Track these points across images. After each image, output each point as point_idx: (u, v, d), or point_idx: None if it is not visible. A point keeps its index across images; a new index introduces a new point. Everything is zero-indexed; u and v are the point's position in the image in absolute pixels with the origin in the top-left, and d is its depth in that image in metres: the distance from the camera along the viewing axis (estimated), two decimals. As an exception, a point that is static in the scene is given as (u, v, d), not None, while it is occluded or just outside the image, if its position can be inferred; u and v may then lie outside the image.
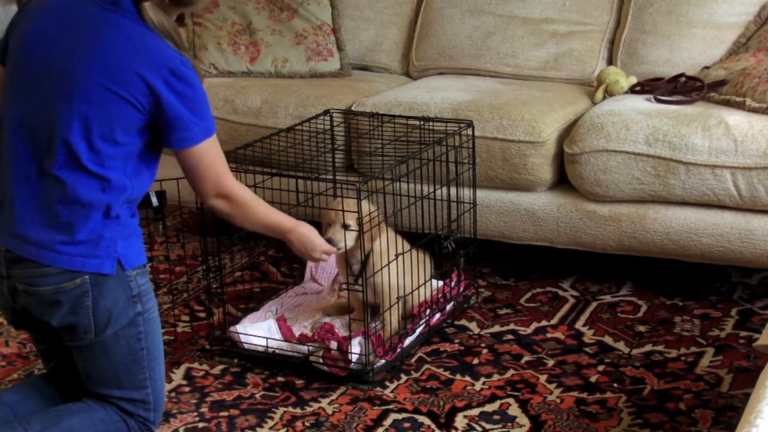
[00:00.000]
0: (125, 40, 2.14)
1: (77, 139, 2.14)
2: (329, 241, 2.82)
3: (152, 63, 2.14)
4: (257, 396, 2.77)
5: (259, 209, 2.42)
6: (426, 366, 2.90)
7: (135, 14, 2.16)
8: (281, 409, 2.69)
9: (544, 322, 3.14)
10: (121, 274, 2.21)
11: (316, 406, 2.70)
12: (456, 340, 3.05)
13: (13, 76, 2.23)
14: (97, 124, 2.14)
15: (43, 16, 2.22)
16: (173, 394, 2.78)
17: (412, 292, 2.98)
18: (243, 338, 2.90)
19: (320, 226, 2.88)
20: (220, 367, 2.93)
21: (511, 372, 2.85)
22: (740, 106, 3.17)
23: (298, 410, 2.68)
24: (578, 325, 3.12)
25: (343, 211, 2.78)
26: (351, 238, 2.84)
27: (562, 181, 3.30)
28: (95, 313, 2.21)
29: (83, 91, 2.13)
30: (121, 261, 2.21)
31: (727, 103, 3.23)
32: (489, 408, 2.67)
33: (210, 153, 2.25)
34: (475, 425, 2.59)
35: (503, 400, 2.70)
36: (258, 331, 2.92)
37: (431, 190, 3.12)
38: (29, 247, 2.17)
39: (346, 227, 2.82)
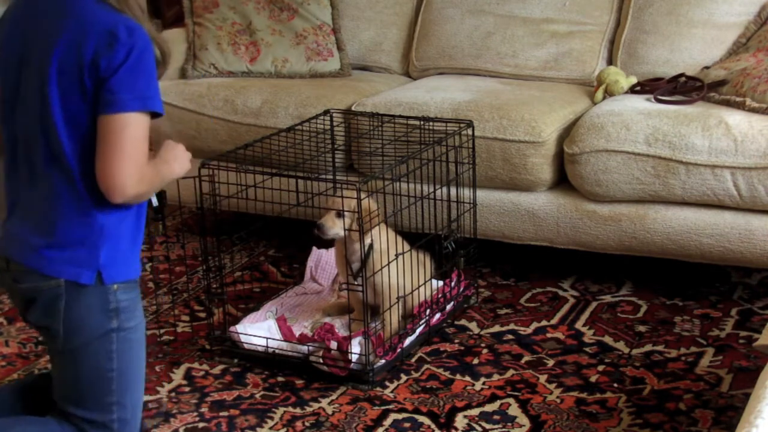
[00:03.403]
0: (75, 18, 2.04)
1: (56, 134, 2.05)
2: (318, 227, 2.82)
3: (92, 32, 2.01)
4: (257, 396, 2.77)
5: (154, 171, 2.14)
6: (426, 366, 2.90)
7: None
8: (281, 409, 2.69)
9: (544, 322, 3.14)
10: (99, 286, 2.10)
11: (316, 406, 2.70)
12: (456, 340, 3.05)
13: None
14: (70, 117, 2.05)
15: (11, 17, 2.16)
16: (173, 394, 2.78)
17: (412, 292, 2.98)
18: (243, 338, 2.90)
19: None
20: (220, 367, 2.93)
21: (511, 372, 2.85)
22: (740, 106, 3.17)
23: (298, 410, 2.68)
24: (578, 325, 3.12)
25: (342, 198, 2.77)
26: (343, 226, 2.82)
27: (562, 181, 3.30)
28: (66, 319, 2.11)
29: (52, 84, 2.04)
30: (101, 273, 2.10)
31: (727, 103, 3.23)
32: (489, 408, 2.67)
33: (136, 126, 2.02)
34: (475, 425, 2.59)
35: (503, 400, 2.70)
36: (258, 331, 2.92)
37: (431, 190, 3.12)
38: (16, 247, 2.13)
39: (339, 216, 2.82)
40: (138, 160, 2.04)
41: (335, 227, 2.84)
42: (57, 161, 2.08)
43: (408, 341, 2.94)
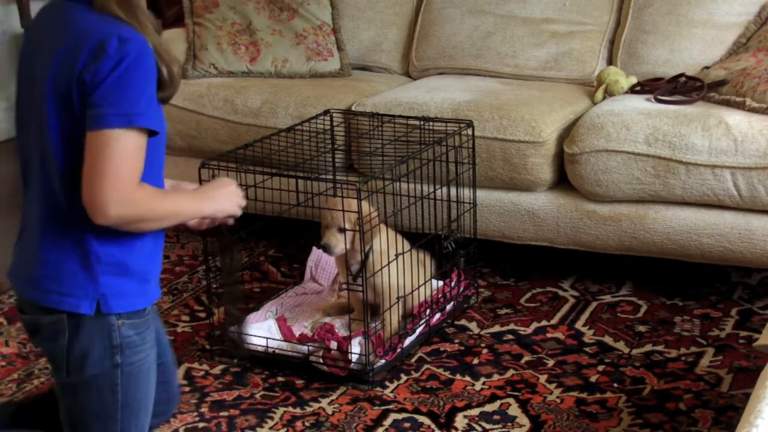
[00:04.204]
0: (72, 32, 1.96)
1: (51, 155, 1.98)
2: (324, 247, 2.83)
3: (85, 44, 1.91)
4: (257, 396, 2.77)
5: (166, 201, 2.05)
6: (426, 366, 2.90)
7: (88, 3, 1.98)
8: (281, 409, 2.69)
9: (544, 322, 3.14)
10: (100, 318, 2.01)
11: (316, 406, 2.70)
12: (456, 340, 3.05)
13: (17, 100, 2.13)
14: (65, 136, 1.96)
15: (28, 35, 2.13)
16: (173, 394, 2.78)
17: (412, 292, 2.98)
18: (243, 338, 2.90)
19: (320, 228, 2.89)
20: (220, 367, 2.93)
21: (511, 372, 2.85)
22: (740, 106, 3.17)
23: (298, 410, 2.68)
24: (578, 325, 3.12)
25: (342, 211, 2.77)
26: (348, 241, 2.84)
27: (562, 181, 3.30)
28: (69, 354, 2.04)
29: (48, 101, 1.96)
30: (101, 303, 2.00)
31: (727, 103, 3.23)
32: (489, 408, 2.67)
33: (120, 144, 1.89)
34: (475, 425, 2.59)
35: (503, 400, 2.70)
36: (258, 331, 2.92)
37: (431, 190, 3.12)
38: (19, 276, 2.08)
39: (342, 231, 2.82)
40: (122, 181, 1.90)
41: (340, 243, 2.85)
42: (51, 183, 2.00)
43: (408, 341, 2.94)
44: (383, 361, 2.83)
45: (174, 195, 2.13)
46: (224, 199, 2.18)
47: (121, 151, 1.90)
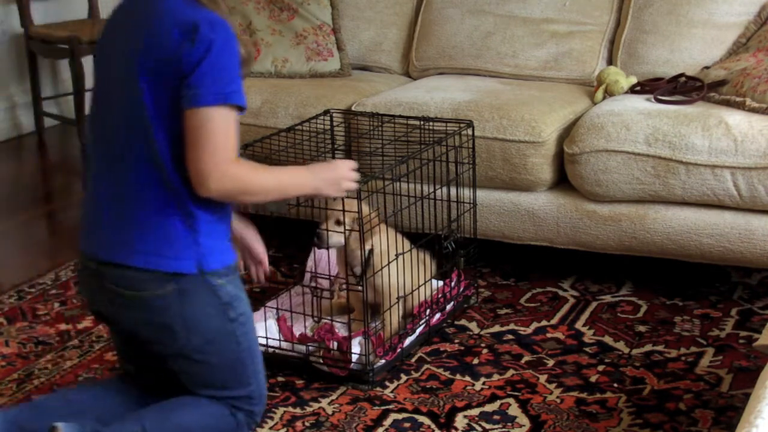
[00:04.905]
0: (159, 15, 2.12)
1: (150, 129, 2.12)
2: (317, 236, 2.82)
3: (175, 27, 2.08)
4: (257, 396, 2.76)
5: (267, 175, 2.22)
6: (426, 366, 2.90)
7: None
8: (281, 409, 2.69)
9: (544, 322, 3.14)
10: (204, 278, 2.17)
11: (316, 406, 2.70)
12: (456, 340, 3.05)
13: (94, 88, 2.27)
14: (161, 112, 2.11)
15: (108, 24, 2.27)
16: (173, 394, 2.78)
17: (412, 292, 2.98)
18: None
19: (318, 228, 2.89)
20: (220, 367, 2.92)
21: (511, 372, 2.85)
22: (740, 106, 3.17)
23: (298, 410, 2.68)
24: (578, 325, 3.12)
25: (343, 211, 2.77)
26: (341, 236, 2.83)
27: (562, 181, 3.30)
28: (184, 323, 2.19)
29: (142, 81, 2.11)
30: (201, 263, 2.17)
31: (727, 103, 3.23)
32: (489, 408, 2.67)
33: (217, 120, 2.08)
34: (475, 425, 2.59)
35: (503, 400, 2.70)
36: (258, 331, 2.91)
37: (431, 190, 3.12)
38: (114, 248, 2.18)
39: (339, 223, 2.82)
40: (220, 156, 2.08)
41: (333, 236, 2.84)
42: (149, 155, 2.13)
43: (408, 341, 2.94)
44: (383, 361, 2.83)
45: (277, 169, 2.28)
46: (331, 184, 2.36)
47: (219, 128, 2.08)
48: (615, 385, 2.76)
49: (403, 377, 2.84)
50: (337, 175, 2.37)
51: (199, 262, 2.16)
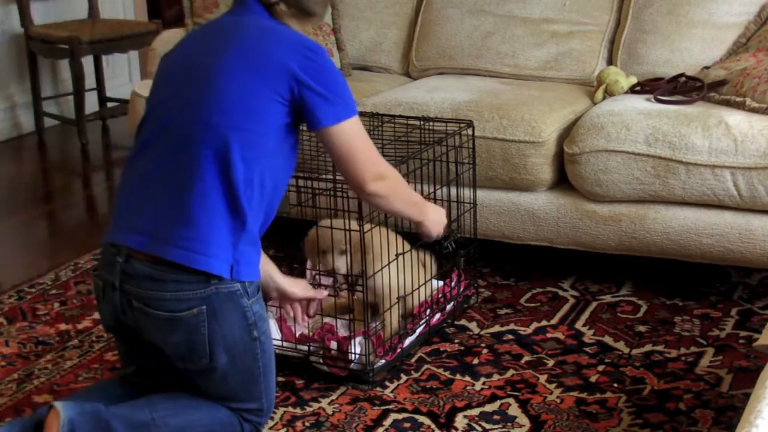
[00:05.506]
0: (261, 33, 2.27)
1: (225, 132, 2.20)
2: (335, 272, 2.83)
3: (290, 46, 2.24)
4: (257, 396, 2.76)
5: (407, 188, 2.48)
6: (426, 366, 2.90)
7: (267, 15, 2.33)
8: (281, 409, 2.69)
9: (544, 322, 3.14)
10: (236, 302, 2.23)
11: (316, 406, 2.70)
12: (456, 340, 3.05)
13: (156, 92, 2.36)
14: (235, 111, 2.22)
15: (184, 43, 2.37)
16: (173, 394, 2.78)
17: (412, 292, 2.98)
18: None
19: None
20: (220, 367, 2.92)
21: (511, 372, 2.85)
22: (740, 106, 3.17)
23: (298, 410, 2.68)
24: (578, 325, 3.12)
25: (344, 228, 2.77)
26: (346, 264, 2.84)
27: (562, 181, 3.30)
28: (211, 342, 2.24)
29: (222, 83, 2.23)
30: (233, 268, 2.22)
31: (727, 103, 3.23)
32: (489, 408, 2.67)
33: (356, 131, 2.29)
34: (475, 425, 2.59)
35: (503, 400, 2.70)
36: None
37: (431, 190, 3.12)
38: (158, 244, 2.22)
39: (342, 252, 2.83)
40: (371, 159, 2.32)
41: (342, 268, 2.85)
42: (217, 156, 2.19)
43: (408, 341, 2.94)
44: (383, 361, 2.83)
45: (422, 200, 2.57)
46: (433, 225, 2.62)
47: (361, 136, 2.31)
48: (615, 385, 2.76)
49: (403, 377, 2.84)
50: (441, 220, 2.63)
51: (232, 268, 2.22)
